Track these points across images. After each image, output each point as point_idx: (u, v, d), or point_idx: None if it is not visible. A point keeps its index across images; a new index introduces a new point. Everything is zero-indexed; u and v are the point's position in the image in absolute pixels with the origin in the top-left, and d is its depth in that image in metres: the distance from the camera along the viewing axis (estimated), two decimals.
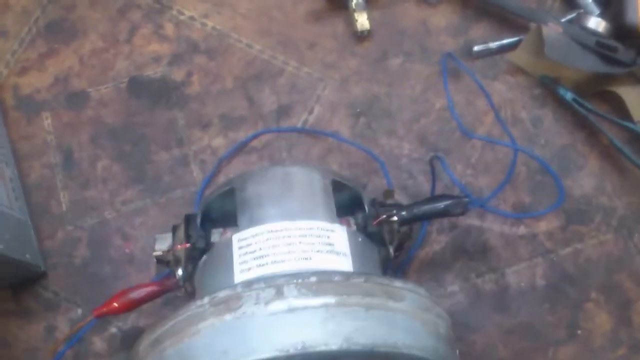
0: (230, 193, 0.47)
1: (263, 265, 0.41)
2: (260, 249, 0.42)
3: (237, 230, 0.44)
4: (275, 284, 0.36)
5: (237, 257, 0.42)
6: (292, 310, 0.34)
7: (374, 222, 0.47)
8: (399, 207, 0.49)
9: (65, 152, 0.61)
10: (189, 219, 0.48)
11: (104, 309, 0.50)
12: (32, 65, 0.64)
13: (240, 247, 0.43)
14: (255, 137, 0.60)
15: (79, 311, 0.57)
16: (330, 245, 0.42)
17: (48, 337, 0.57)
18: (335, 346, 0.32)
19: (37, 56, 0.64)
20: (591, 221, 0.58)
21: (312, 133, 0.61)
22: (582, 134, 0.60)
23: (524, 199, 0.58)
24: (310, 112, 0.61)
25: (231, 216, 0.46)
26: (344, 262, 0.42)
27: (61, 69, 0.64)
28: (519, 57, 0.61)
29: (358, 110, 0.61)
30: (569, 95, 0.59)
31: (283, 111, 0.61)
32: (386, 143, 0.60)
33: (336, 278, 0.36)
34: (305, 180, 0.47)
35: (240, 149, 0.60)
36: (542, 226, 0.58)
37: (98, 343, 0.55)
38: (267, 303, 0.35)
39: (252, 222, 0.44)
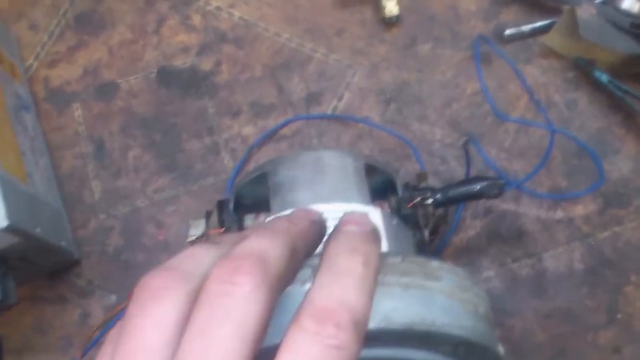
0: (262, 178, 0.47)
1: None
2: None
3: (270, 214, 0.44)
4: (311, 264, 0.36)
5: None
6: None
7: (408, 205, 0.46)
8: (433, 189, 0.48)
9: (96, 142, 0.61)
10: (221, 205, 0.48)
11: None
12: (61, 58, 0.64)
13: None
14: (285, 124, 0.60)
15: (113, 298, 0.57)
16: None
17: (82, 323, 0.57)
18: (374, 324, 0.32)
19: (66, 48, 0.64)
20: (629, 204, 0.57)
21: (342, 119, 0.60)
22: (618, 116, 0.59)
23: (560, 183, 0.58)
24: (340, 99, 0.61)
25: (263, 201, 0.46)
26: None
27: (90, 60, 0.64)
28: (552, 39, 0.60)
29: (388, 96, 0.61)
30: (604, 77, 0.58)
31: (312, 98, 0.61)
32: (417, 129, 0.60)
33: None
34: (338, 164, 0.46)
35: (271, 136, 0.60)
36: (579, 210, 0.57)
37: None
38: (303, 283, 0.35)
39: (285, 205, 0.44)
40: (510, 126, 0.59)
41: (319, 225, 0.31)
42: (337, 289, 0.25)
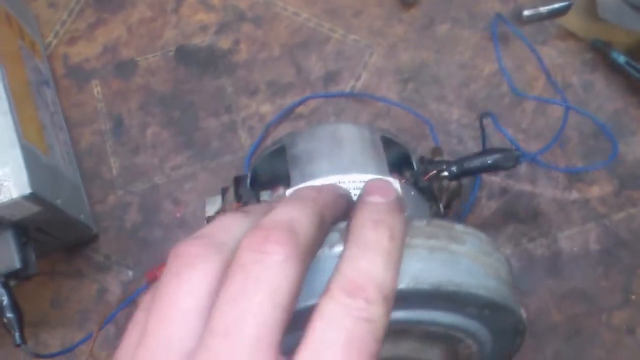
0: (279, 152, 0.47)
1: None
2: None
3: (290, 187, 0.44)
4: (338, 228, 0.36)
5: None
6: None
7: (424, 178, 0.47)
8: (448, 162, 0.48)
9: (115, 119, 0.61)
10: (238, 181, 0.48)
11: (157, 273, 0.51)
12: (81, 35, 0.64)
13: None
14: (302, 102, 0.60)
15: (130, 274, 0.58)
16: None
17: (99, 298, 0.58)
18: (403, 285, 0.32)
19: (86, 26, 0.65)
20: None
21: (360, 98, 0.60)
22: (635, 98, 0.59)
23: (576, 164, 0.58)
24: (358, 79, 0.61)
25: (280, 177, 0.46)
26: None
27: (110, 38, 0.64)
28: (570, 21, 0.60)
29: (406, 76, 0.61)
30: (621, 59, 0.58)
31: (330, 78, 0.61)
32: (435, 109, 0.60)
33: None
34: (356, 136, 0.46)
35: (288, 115, 0.60)
36: (595, 191, 0.57)
37: None
38: (331, 246, 0.35)
39: (304, 178, 0.44)
40: (527, 107, 0.59)
41: (345, 198, 0.31)
42: (366, 264, 0.27)
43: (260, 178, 0.49)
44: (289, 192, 0.44)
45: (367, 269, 0.26)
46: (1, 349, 0.57)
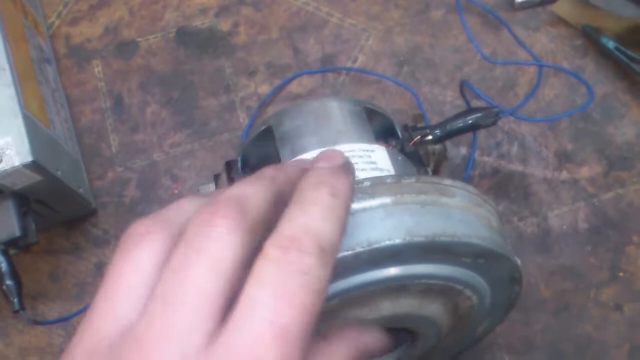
0: (267, 134, 0.47)
1: None
2: None
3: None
4: None
5: None
6: (352, 213, 0.35)
7: (410, 143, 0.47)
8: (430, 127, 0.49)
9: (115, 98, 0.63)
10: (229, 165, 0.49)
11: None
12: (83, 16, 0.66)
13: None
14: (295, 77, 0.61)
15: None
16: (373, 163, 0.43)
17: (97, 272, 0.59)
18: (399, 239, 0.33)
19: (87, 7, 0.66)
20: (633, 167, 0.58)
21: (355, 79, 0.62)
22: (624, 82, 0.61)
23: (565, 146, 0.59)
24: (354, 62, 0.62)
25: (271, 157, 0.47)
26: (385, 174, 0.42)
27: (111, 19, 0.65)
28: (561, 7, 0.61)
29: (401, 59, 0.62)
30: (611, 44, 0.59)
31: (327, 60, 0.63)
32: (429, 91, 0.61)
33: (388, 180, 0.36)
34: (340, 109, 0.47)
35: (285, 96, 0.62)
36: (584, 172, 0.58)
37: None
38: None
39: (294, 153, 0.45)
40: (519, 90, 0.61)
41: (344, 168, 0.31)
42: (302, 218, 0.26)
43: (252, 161, 0.49)
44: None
45: (302, 222, 0.26)
46: (1, 321, 0.58)
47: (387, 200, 0.35)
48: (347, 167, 0.30)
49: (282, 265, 0.24)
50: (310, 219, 0.26)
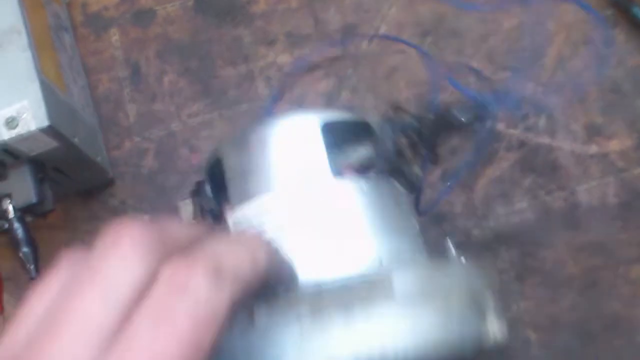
0: (219, 163, 0.43)
1: None
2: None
3: (231, 209, 0.40)
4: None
5: None
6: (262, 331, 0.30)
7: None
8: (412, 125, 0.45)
9: (132, 67, 0.61)
10: (198, 189, 0.44)
11: None
12: None
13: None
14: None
15: (146, 218, 0.57)
16: (324, 214, 0.38)
17: None
18: None
19: None
20: None
21: (381, 41, 0.60)
22: None
23: (595, 119, 0.57)
24: (376, 31, 0.61)
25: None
26: (341, 228, 0.37)
27: None
28: None
29: (425, 29, 0.60)
30: None
31: (348, 30, 0.61)
32: (453, 62, 0.59)
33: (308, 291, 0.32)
34: (289, 138, 0.40)
35: (306, 67, 0.60)
36: (614, 145, 0.57)
37: None
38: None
39: (241, 197, 0.40)
40: (547, 61, 0.59)
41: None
42: (211, 245, 0.25)
43: (220, 183, 0.44)
44: (230, 219, 0.40)
45: (207, 247, 0.25)
46: (18, 290, 0.57)
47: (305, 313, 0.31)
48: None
49: (170, 287, 0.22)
50: (218, 246, 0.25)
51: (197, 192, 0.44)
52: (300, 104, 0.59)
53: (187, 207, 0.46)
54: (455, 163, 0.57)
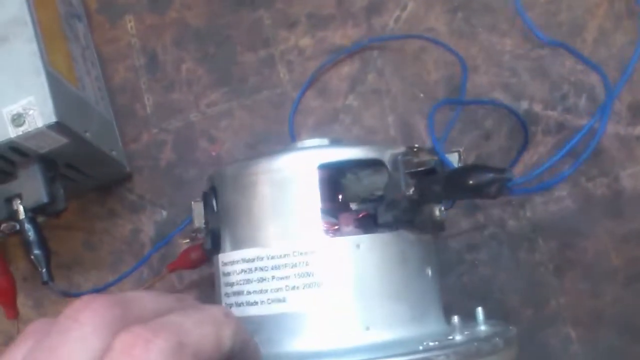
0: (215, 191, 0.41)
1: (240, 305, 0.37)
2: (237, 282, 0.37)
3: (223, 250, 0.39)
4: None
5: (223, 286, 0.39)
6: None
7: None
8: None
9: (149, 55, 0.59)
10: (205, 199, 0.42)
11: (178, 264, 0.52)
12: None
13: (223, 274, 0.39)
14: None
15: (164, 214, 0.56)
16: (308, 275, 0.36)
17: (133, 239, 0.56)
18: None
19: None
20: None
21: (407, 22, 0.57)
22: None
23: None
24: (404, 9, 0.57)
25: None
26: (326, 294, 0.35)
27: None
28: None
29: (455, 4, 0.56)
30: None
31: (374, 8, 0.57)
32: (486, 39, 0.56)
33: None
34: (285, 182, 0.37)
35: (327, 48, 0.57)
36: None
37: (184, 246, 0.53)
38: None
39: (232, 242, 0.39)
40: (588, 35, 0.54)
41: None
42: (172, 317, 0.24)
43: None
44: (220, 259, 0.39)
45: (168, 318, 0.24)
46: (35, 291, 0.56)
47: None
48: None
49: (124, 357, 0.22)
50: (183, 320, 0.24)
51: (205, 204, 0.42)
52: (322, 91, 0.56)
53: (198, 209, 0.44)
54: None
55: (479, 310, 0.38)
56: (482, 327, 0.37)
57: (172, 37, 0.59)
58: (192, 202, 0.45)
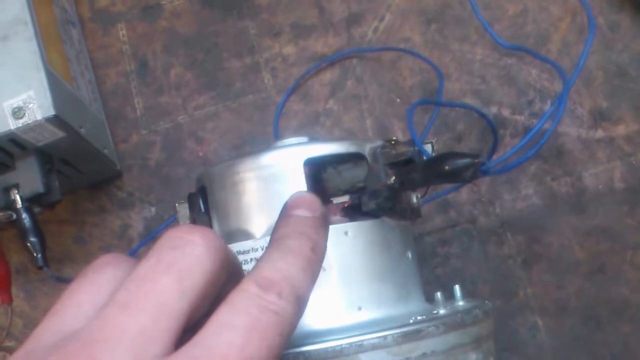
0: (204, 191, 0.43)
1: None
2: None
3: None
4: None
5: None
6: None
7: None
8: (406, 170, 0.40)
9: (139, 61, 0.62)
10: (192, 200, 0.44)
11: None
12: None
13: None
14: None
15: (153, 210, 0.58)
16: None
17: (122, 235, 0.58)
18: None
19: None
20: None
21: (386, 31, 0.60)
22: None
23: (600, 103, 0.57)
24: (381, 20, 0.61)
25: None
26: (320, 279, 0.34)
27: None
28: None
29: (429, 17, 0.60)
30: None
31: (353, 19, 0.61)
32: (458, 49, 0.59)
33: None
34: (272, 177, 0.39)
35: (309, 57, 0.61)
36: (621, 130, 0.56)
37: None
38: None
39: (225, 239, 0.39)
40: (552, 46, 0.58)
41: (323, 220, 0.30)
42: (284, 265, 0.27)
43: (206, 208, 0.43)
44: None
45: (284, 269, 0.26)
46: (27, 283, 0.58)
47: None
48: (325, 220, 0.30)
49: (260, 302, 0.24)
50: (290, 267, 0.27)
51: (190, 205, 0.44)
52: (304, 96, 0.60)
53: (183, 210, 0.47)
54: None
55: (457, 288, 0.41)
56: (461, 303, 0.40)
57: (162, 44, 0.62)
58: (177, 204, 0.47)
